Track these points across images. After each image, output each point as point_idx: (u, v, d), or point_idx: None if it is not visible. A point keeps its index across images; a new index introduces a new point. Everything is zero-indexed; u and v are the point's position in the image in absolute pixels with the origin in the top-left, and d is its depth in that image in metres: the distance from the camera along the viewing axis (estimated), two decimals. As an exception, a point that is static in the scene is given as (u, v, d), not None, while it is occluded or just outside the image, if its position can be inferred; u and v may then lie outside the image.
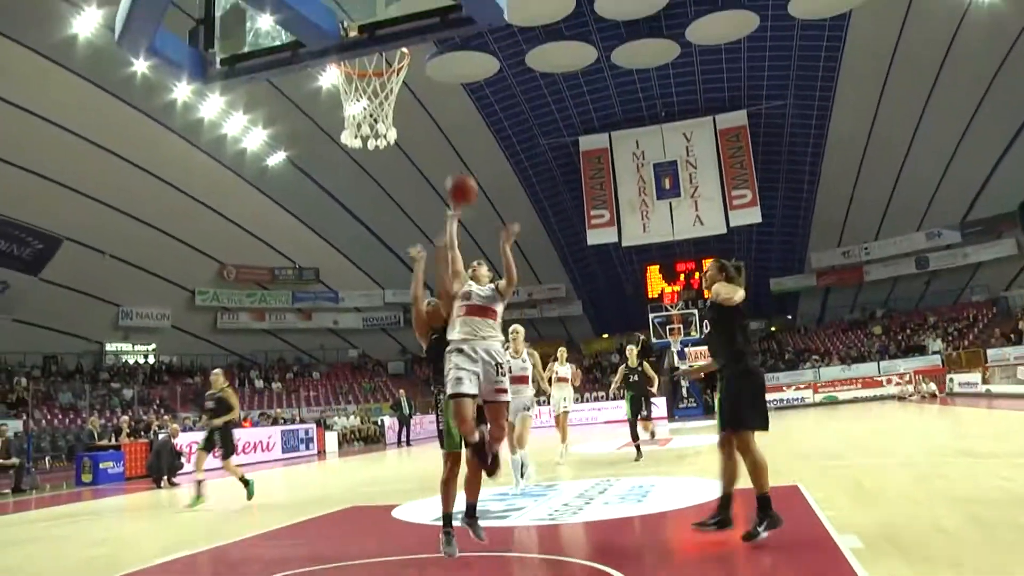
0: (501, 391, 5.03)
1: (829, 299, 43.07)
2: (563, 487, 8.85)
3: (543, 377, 9.49)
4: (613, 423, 27.67)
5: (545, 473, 10.13)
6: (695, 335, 31.60)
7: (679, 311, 33.85)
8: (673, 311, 34.08)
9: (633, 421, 12.33)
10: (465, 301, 5.13)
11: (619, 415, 22.23)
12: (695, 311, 33.25)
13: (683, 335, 32.19)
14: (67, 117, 26.18)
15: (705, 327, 5.51)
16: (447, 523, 5.07)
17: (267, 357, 39.95)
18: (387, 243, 38.03)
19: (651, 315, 34.30)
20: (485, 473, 5.07)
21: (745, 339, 5.22)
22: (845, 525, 5.19)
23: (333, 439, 25.48)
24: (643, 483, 8.63)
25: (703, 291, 5.75)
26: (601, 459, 13.01)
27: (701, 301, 32.15)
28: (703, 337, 5.37)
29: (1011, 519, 5.23)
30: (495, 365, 5.01)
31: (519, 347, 9.08)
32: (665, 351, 33.11)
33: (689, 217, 36.84)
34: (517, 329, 9.26)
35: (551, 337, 40.89)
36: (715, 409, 5.30)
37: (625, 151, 37.82)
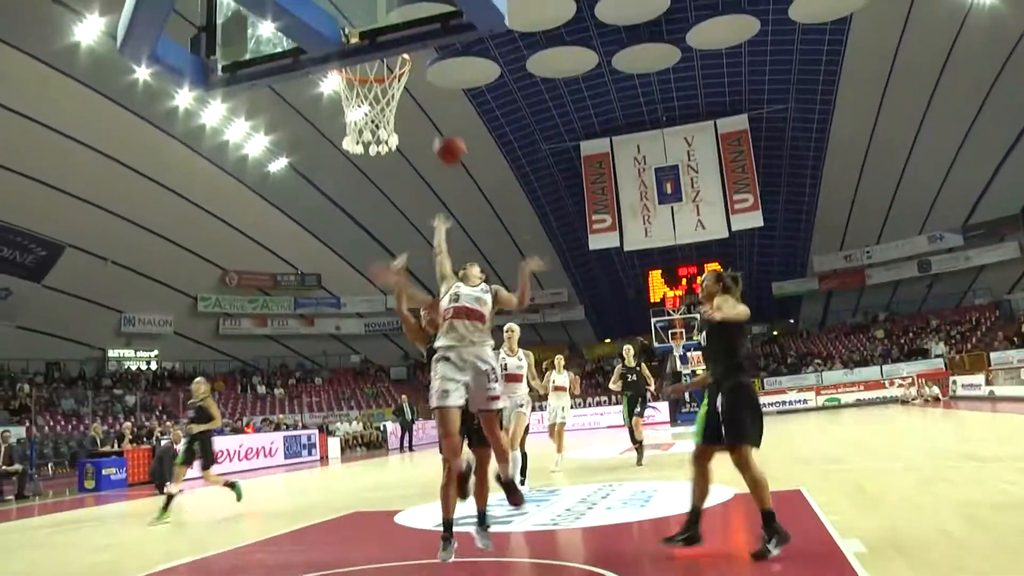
0: (494, 399, 4.77)
1: (831, 303, 43.02)
2: (565, 492, 8.83)
3: (535, 376, 9.34)
4: (616, 428, 27.60)
5: (540, 480, 10.10)
6: (697, 339, 31.51)
7: (681, 315, 33.83)
8: (675, 315, 34.05)
9: (630, 420, 12.21)
10: (452, 303, 4.92)
11: (621, 420, 22.14)
12: (697, 315, 33.16)
13: (685, 339, 32.13)
14: (69, 124, 26.24)
15: (703, 338, 5.25)
16: (447, 529, 4.99)
17: (269, 363, 39.97)
18: (389, 249, 38.01)
19: (653, 319, 34.28)
20: (458, 495, 4.84)
21: (745, 353, 5.13)
22: (848, 529, 5.18)
23: (336, 445, 25.47)
24: (645, 488, 8.61)
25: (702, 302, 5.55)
26: (603, 464, 12.99)
27: (701, 307, 32.02)
28: (701, 347, 5.15)
29: (1015, 523, 5.22)
30: (486, 372, 4.76)
31: (514, 345, 8.98)
32: (667, 355, 33.08)
33: (691, 221, 36.85)
34: (512, 327, 9.17)
35: (553, 342, 40.94)
36: (698, 420, 5.15)
37: (626, 156, 37.84)
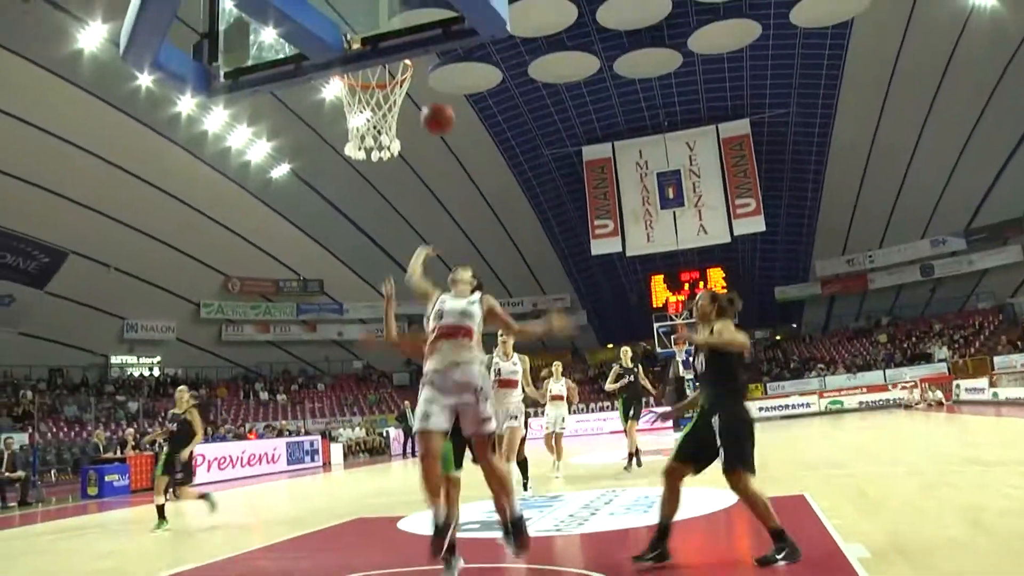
0: (484, 421, 4.47)
1: (834, 307, 43.00)
2: (568, 498, 8.81)
3: (530, 383, 8.92)
4: (619, 433, 27.51)
5: (542, 487, 10.08)
6: (691, 358, 31.41)
7: (683, 320, 33.79)
8: (678, 320, 34.01)
9: (625, 422, 12.05)
10: (436, 322, 4.60)
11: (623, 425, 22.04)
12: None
13: (688, 344, 32.09)
14: (72, 131, 26.33)
15: (700, 362, 5.11)
16: (447, 546, 4.75)
17: (272, 369, 39.98)
18: (391, 254, 38.04)
19: (656, 324, 34.26)
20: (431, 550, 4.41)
21: (744, 379, 5.06)
22: (852, 534, 5.16)
23: (338, 451, 25.47)
24: (649, 493, 8.58)
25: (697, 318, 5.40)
26: (606, 470, 12.95)
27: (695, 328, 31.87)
28: (698, 370, 4.93)
29: (1019, 528, 5.20)
30: (474, 393, 4.45)
31: (508, 349, 8.64)
32: (670, 361, 32.94)
33: (693, 226, 36.85)
34: (506, 341, 8.69)
35: (555, 347, 40.82)
36: (680, 438, 5.05)
37: (628, 161, 37.87)
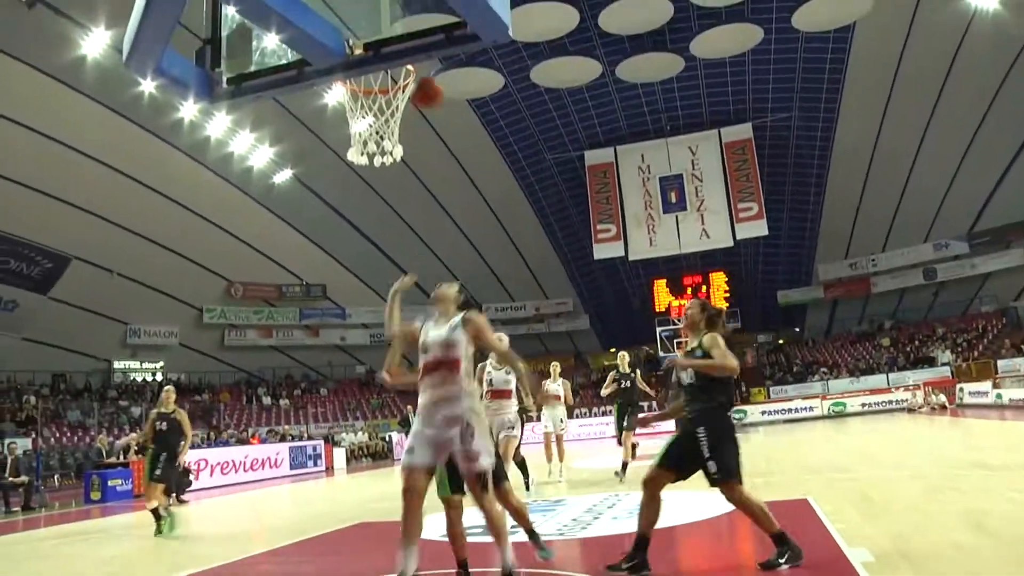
0: (473, 459, 4.30)
1: (837, 311, 42.95)
2: (571, 502, 8.80)
3: (528, 393, 8.14)
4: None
5: (547, 491, 10.07)
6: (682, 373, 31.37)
7: (678, 325, 33.80)
8: (680, 324, 33.93)
9: (619, 431, 11.82)
10: (422, 355, 4.48)
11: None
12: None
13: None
14: (75, 137, 26.41)
15: (688, 374, 5.13)
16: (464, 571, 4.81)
17: (275, 374, 39.99)
18: (394, 259, 38.11)
19: (658, 329, 34.25)
20: None
21: (730, 392, 5.09)
22: (855, 538, 5.15)
23: (341, 455, 25.44)
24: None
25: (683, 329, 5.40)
26: (609, 474, 12.91)
27: (684, 337, 31.81)
28: (684, 382, 4.85)
29: (1024, 531, 5.18)
30: (461, 430, 4.30)
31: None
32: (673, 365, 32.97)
33: (695, 230, 36.84)
34: (500, 337, 8.19)
35: (559, 352, 40.84)
36: (663, 447, 5.05)
37: (631, 165, 37.89)
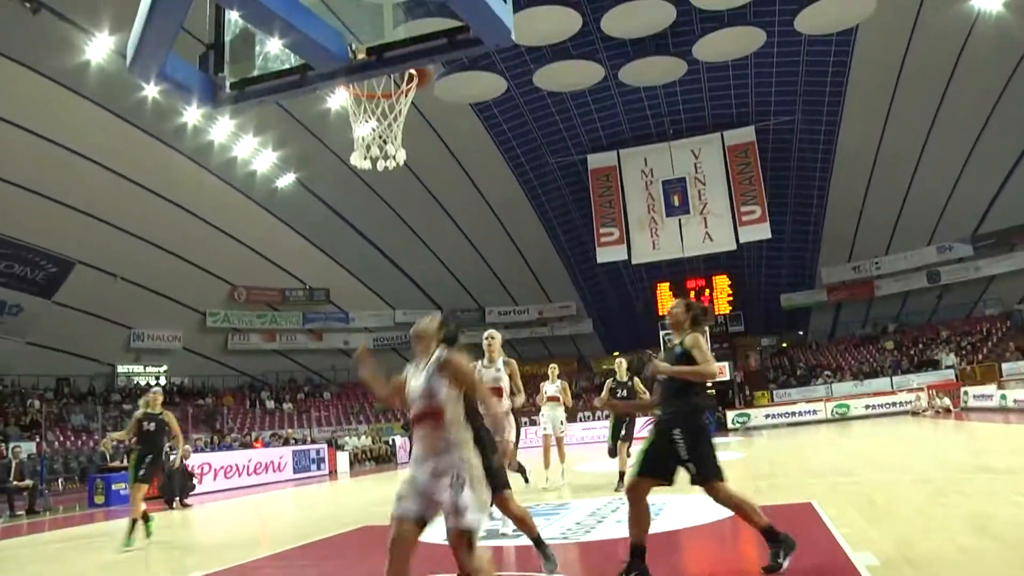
0: (459, 513, 3.98)
1: (840, 314, 42.85)
2: (575, 506, 8.80)
3: (520, 390, 7.90)
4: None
5: (550, 494, 10.06)
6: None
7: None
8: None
9: (613, 443, 11.10)
10: (410, 404, 4.24)
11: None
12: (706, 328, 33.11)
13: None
14: (79, 141, 26.45)
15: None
16: None
17: (278, 378, 40.01)
18: (397, 263, 38.16)
19: (662, 332, 34.15)
20: None
21: (702, 391, 5.06)
22: (860, 543, 5.14)
23: (344, 459, 25.43)
24: (655, 501, 8.54)
25: (675, 324, 5.31)
26: (613, 478, 12.90)
27: (668, 335, 31.60)
28: (659, 381, 4.82)
29: (1029, 535, 5.16)
30: (451, 479, 4.08)
31: (494, 355, 7.82)
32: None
33: (699, 234, 36.79)
34: (493, 335, 8.04)
35: (562, 355, 40.90)
36: (639, 453, 5.02)
37: (633, 168, 37.87)
